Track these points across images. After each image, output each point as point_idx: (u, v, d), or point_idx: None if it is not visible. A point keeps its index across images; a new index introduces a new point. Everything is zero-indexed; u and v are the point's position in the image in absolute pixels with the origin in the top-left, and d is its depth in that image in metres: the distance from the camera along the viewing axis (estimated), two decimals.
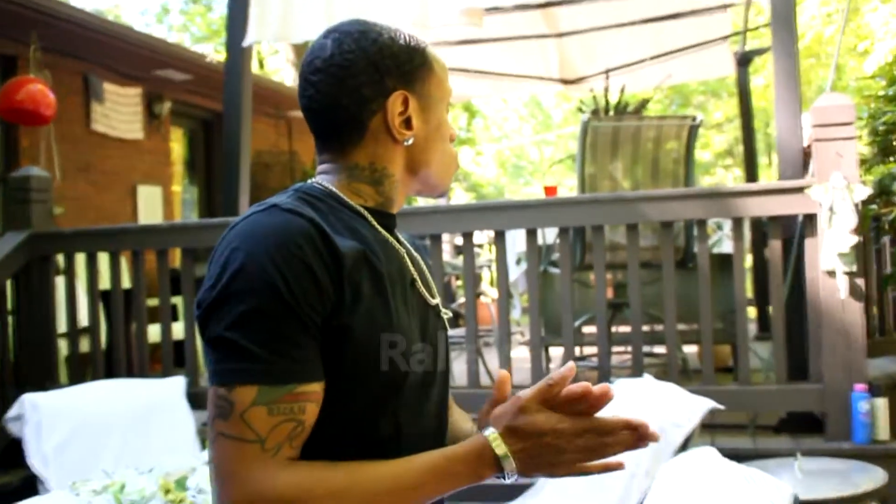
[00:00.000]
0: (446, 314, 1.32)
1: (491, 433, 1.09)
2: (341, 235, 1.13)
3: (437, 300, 1.31)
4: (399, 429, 1.17)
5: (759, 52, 7.04)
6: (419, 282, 1.27)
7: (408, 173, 1.28)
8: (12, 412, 3.60)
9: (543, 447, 1.07)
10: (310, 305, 1.06)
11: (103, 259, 4.45)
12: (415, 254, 1.32)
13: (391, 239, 1.25)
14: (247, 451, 1.03)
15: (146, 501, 3.12)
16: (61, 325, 4.48)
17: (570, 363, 1.09)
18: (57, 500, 3.13)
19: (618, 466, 1.11)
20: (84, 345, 4.60)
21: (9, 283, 4.25)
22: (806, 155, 3.77)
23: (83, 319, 4.55)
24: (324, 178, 1.26)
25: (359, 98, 1.22)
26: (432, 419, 1.25)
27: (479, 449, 1.09)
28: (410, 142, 1.25)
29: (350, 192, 1.24)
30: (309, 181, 1.26)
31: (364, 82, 1.22)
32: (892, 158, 4.15)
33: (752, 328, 6.35)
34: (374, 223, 1.23)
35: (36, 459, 3.48)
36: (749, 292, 6.98)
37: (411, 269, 1.25)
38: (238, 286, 1.05)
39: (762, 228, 5.63)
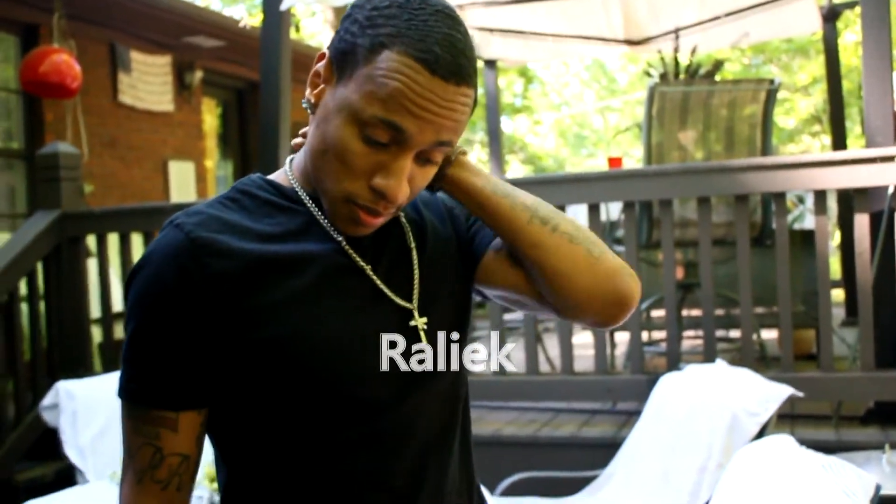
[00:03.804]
0: (420, 322, 1.17)
1: None
2: (253, 236, 1.12)
3: (411, 305, 1.17)
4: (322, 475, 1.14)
5: (850, 4, 6.94)
6: (379, 279, 1.16)
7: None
8: (47, 400, 3.78)
9: None
10: (181, 332, 1.09)
11: (136, 240, 4.62)
12: (409, 244, 1.21)
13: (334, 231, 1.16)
14: (126, 464, 1.14)
15: None
16: (94, 311, 4.66)
17: None
18: (96, 491, 3.31)
19: None
20: (118, 331, 4.78)
21: (39, 266, 4.44)
22: None
23: (116, 304, 4.73)
24: (291, 157, 1.23)
25: None
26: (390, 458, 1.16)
27: None
28: (304, 104, 1.15)
29: (301, 174, 1.19)
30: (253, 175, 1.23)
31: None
32: None
33: (840, 312, 6.35)
34: (314, 211, 1.16)
35: (72, 450, 3.65)
36: (837, 273, 6.98)
37: (361, 263, 1.15)
38: (128, 304, 1.13)
39: (850, 202, 5.63)
